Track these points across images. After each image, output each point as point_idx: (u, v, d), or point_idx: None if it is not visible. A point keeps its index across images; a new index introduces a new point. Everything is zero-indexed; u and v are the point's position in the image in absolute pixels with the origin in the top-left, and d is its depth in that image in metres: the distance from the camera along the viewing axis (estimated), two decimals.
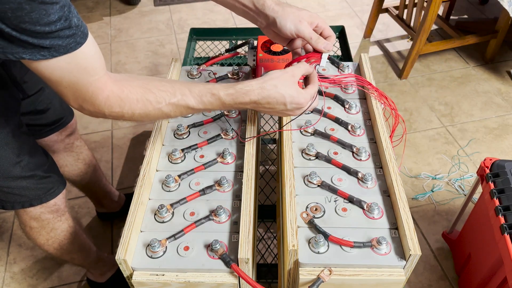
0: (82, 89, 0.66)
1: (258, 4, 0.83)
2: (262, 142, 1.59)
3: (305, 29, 0.81)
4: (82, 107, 0.69)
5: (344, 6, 2.77)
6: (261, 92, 0.76)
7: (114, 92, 0.69)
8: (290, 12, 0.81)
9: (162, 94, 0.73)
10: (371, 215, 0.78)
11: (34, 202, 1.01)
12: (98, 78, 0.67)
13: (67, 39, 0.60)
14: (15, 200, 0.99)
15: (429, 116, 2.00)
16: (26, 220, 1.06)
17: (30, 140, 0.99)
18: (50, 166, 1.02)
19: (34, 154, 0.98)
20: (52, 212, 1.07)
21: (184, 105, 0.75)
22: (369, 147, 0.91)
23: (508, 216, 1.05)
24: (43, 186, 1.00)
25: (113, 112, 0.71)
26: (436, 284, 1.42)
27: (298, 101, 0.78)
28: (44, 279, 1.48)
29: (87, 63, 0.64)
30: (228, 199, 0.83)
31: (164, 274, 0.73)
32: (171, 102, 0.74)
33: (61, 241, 1.14)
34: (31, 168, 0.96)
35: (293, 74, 0.79)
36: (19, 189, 0.97)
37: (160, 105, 0.73)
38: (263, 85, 0.76)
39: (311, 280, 0.72)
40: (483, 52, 2.30)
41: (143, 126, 2.01)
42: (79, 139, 1.30)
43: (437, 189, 1.69)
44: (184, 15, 2.72)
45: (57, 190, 1.04)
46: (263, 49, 1.06)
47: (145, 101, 0.72)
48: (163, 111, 0.75)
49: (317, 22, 0.83)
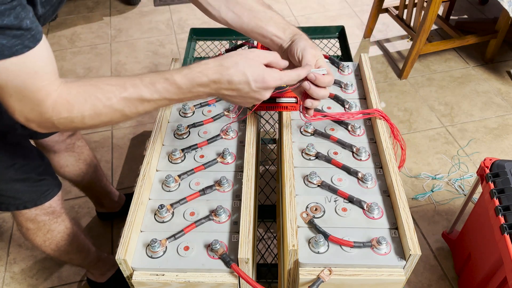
0: (30, 96, 0.61)
1: (287, 32, 0.82)
2: (262, 142, 1.59)
3: (309, 54, 0.77)
4: (28, 118, 0.64)
5: (344, 6, 2.77)
6: (220, 69, 0.68)
7: (61, 96, 0.63)
8: (309, 41, 0.80)
9: (111, 88, 0.66)
10: (371, 215, 0.78)
11: (28, 205, 1.01)
12: (48, 84, 0.62)
13: (12, 39, 0.55)
14: (9, 202, 0.98)
15: (429, 116, 2.00)
16: (22, 221, 1.06)
17: (25, 143, 0.98)
18: (45, 169, 1.02)
19: (29, 157, 0.97)
20: (47, 214, 1.06)
21: (137, 97, 0.67)
22: (369, 147, 0.91)
23: (508, 216, 1.05)
24: (37, 189, 1.00)
25: (61, 119, 0.64)
26: (436, 284, 1.42)
27: (264, 79, 0.69)
28: (44, 279, 1.48)
29: (38, 67, 0.60)
30: (228, 199, 0.83)
31: (164, 274, 0.73)
32: (122, 96, 0.66)
33: (58, 242, 1.14)
34: (25, 171, 0.95)
35: (257, 54, 0.71)
36: (12, 192, 0.96)
37: (110, 101, 0.66)
38: (221, 61, 0.69)
39: (311, 280, 0.72)
40: (483, 52, 2.30)
41: (143, 126, 2.01)
42: (80, 140, 1.30)
43: (437, 189, 1.69)
44: (184, 15, 2.72)
45: (52, 192, 1.04)
46: (263, 49, 1.06)
47: (93, 99, 0.65)
48: (115, 109, 0.67)
49: (321, 64, 0.78)
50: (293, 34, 0.83)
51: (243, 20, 0.84)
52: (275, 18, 0.84)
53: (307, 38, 0.81)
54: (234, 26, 0.86)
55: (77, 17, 2.73)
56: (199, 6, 0.87)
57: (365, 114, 0.95)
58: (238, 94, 0.71)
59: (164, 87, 0.68)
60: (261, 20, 0.84)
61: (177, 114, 1.01)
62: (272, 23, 0.83)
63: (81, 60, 2.41)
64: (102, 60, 2.39)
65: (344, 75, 1.09)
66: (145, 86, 0.67)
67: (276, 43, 0.84)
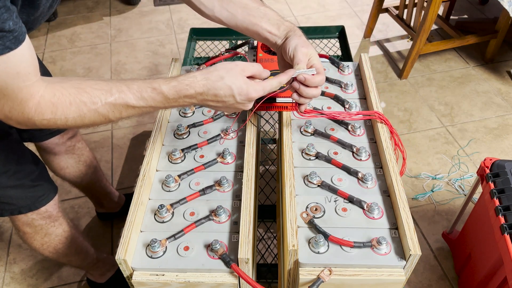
0: (11, 95, 0.61)
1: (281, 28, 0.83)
2: (262, 142, 1.59)
3: (300, 53, 0.78)
4: (8, 116, 0.64)
5: (344, 6, 2.77)
6: (206, 83, 0.71)
7: (45, 98, 0.63)
8: (302, 38, 0.81)
9: (97, 93, 0.67)
10: (371, 215, 0.78)
11: (23, 210, 1.00)
12: (30, 84, 0.62)
13: None
14: (3, 208, 0.98)
15: (429, 116, 2.00)
16: (19, 226, 1.05)
17: (19, 149, 0.97)
18: (39, 175, 1.01)
19: (22, 163, 0.96)
20: (44, 219, 1.06)
21: (122, 103, 0.68)
22: (369, 147, 0.91)
23: (508, 216, 1.05)
24: (31, 194, 0.99)
25: (44, 120, 0.65)
26: (436, 284, 1.42)
27: (248, 93, 0.72)
28: (44, 279, 1.48)
29: (20, 68, 0.59)
30: (228, 199, 0.83)
31: (164, 274, 0.73)
32: (107, 101, 0.67)
33: (56, 245, 1.14)
34: (18, 178, 0.94)
35: (242, 68, 0.73)
36: (6, 198, 0.96)
37: (95, 105, 0.67)
38: (208, 75, 0.71)
39: (311, 280, 0.72)
40: (483, 52, 2.30)
41: (143, 126, 2.01)
42: (80, 141, 1.30)
43: (437, 189, 1.69)
44: (184, 15, 2.72)
45: (48, 197, 1.03)
46: (263, 49, 1.06)
47: (78, 103, 0.66)
48: (100, 113, 0.68)
49: (313, 62, 0.80)
50: (287, 30, 0.83)
51: (238, 18, 0.84)
52: (269, 14, 0.84)
53: (300, 35, 0.81)
54: (228, 24, 0.86)
55: (77, 17, 2.73)
56: (193, 6, 0.88)
57: (365, 116, 0.95)
58: (223, 105, 0.75)
59: (151, 96, 0.70)
60: (255, 17, 0.84)
61: (177, 114, 1.01)
62: (265, 20, 0.83)
63: (81, 60, 2.41)
64: (102, 60, 2.39)
65: (344, 75, 1.09)
66: (132, 93, 0.69)
67: (270, 40, 0.85)
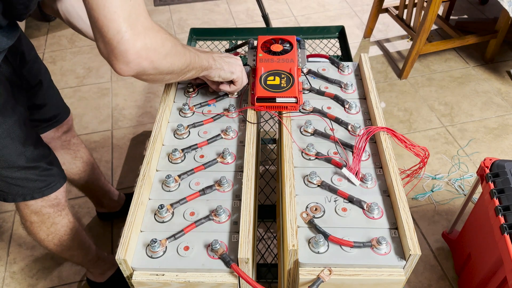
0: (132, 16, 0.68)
1: None
2: (262, 142, 1.59)
3: None
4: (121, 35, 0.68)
5: (344, 6, 2.77)
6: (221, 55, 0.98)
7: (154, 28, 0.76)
8: None
9: None
10: (371, 215, 0.78)
11: (36, 195, 1.01)
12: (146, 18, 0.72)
13: None
14: (17, 192, 0.99)
15: (429, 116, 2.00)
16: (26, 214, 1.06)
17: (34, 131, 1.00)
18: (52, 159, 1.03)
19: (39, 145, 0.98)
20: (53, 206, 1.07)
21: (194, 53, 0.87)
22: (369, 147, 0.91)
23: (508, 216, 1.05)
24: (45, 178, 1.01)
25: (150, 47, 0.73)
26: (436, 284, 1.42)
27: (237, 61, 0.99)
28: (44, 278, 1.48)
29: None
30: (228, 199, 0.83)
31: (164, 274, 0.73)
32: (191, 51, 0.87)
33: (61, 236, 1.15)
34: (35, 159, 0.96)
35: None
36: (22, 180, 0.97)
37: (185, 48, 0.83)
38: None
39: (311, 280, 0.72)
40: (483, 52, 2.30)
41: (143, 126, 2.01)
42: (75, 137, 1.31)
43: (437, 189, 1.69)
44: (184, 15, 2.72)
45: (59, 183, 1.05)
46: (263, 49, 1.06)
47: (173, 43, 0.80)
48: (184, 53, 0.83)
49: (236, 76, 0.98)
50: None
51: None
52: None
53: None
54: None
55: None
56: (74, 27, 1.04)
57: (369, 133, 0.88)
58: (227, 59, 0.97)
59: None
60: None
61: (177, 114, 1.01)
62: None
63: (81, 60, 2.41)
64: (102, 60, 2.39)
65: (344, 75, 1.09)
66: None
67: None
